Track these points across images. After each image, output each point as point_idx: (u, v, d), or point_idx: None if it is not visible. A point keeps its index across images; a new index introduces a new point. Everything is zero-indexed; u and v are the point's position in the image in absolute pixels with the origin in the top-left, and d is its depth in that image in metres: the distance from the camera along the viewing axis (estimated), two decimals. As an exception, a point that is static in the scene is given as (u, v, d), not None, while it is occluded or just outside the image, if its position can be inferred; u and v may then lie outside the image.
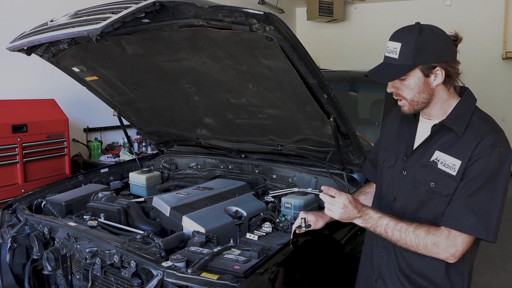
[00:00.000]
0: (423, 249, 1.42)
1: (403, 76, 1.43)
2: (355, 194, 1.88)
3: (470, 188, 1.38)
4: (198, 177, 2.86)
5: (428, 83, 1.43)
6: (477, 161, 1.38)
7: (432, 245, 1.40)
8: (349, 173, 2.32)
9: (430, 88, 1.44)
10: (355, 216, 1.49)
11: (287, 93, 1.98)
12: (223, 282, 1.44)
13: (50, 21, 1.90)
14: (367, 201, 1.80)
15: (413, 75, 1.43)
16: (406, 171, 1.55)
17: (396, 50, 1.41)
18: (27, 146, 3.44)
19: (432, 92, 1.45)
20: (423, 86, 1.43)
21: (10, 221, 2.36)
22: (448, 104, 1.48)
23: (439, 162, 1.45)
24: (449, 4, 7.71)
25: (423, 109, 1.50)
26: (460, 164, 1.41)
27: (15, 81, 3.87)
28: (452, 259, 1.41)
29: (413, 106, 1.48)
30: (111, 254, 1.76)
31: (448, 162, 1.43)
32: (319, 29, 8.71)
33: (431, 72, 1.42)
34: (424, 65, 1.40)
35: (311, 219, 1.68)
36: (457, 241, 1.39)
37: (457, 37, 1.47)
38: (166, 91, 2.44)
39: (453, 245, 1.39)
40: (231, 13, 1.58)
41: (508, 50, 7.29)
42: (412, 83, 1.44)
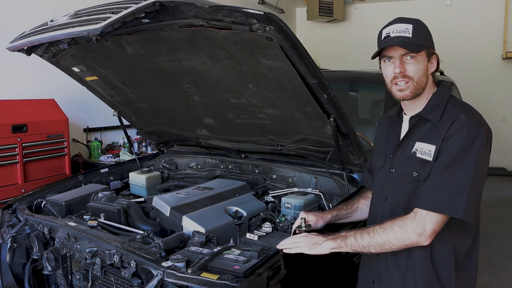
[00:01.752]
0: (394, 240, 1.41)
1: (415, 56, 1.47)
2: (356, 198, 1.89)
3: (440, 167, 1.41)
4: (198, 177, 2.86)
5: (427, 68, 1.51)
6: (448, 140, 1.41)
7: (400, 230, 1.40)
8: (349, 173, 2.32)
9: (427, 74, 1.51)
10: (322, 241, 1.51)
11: (287, 93, 1.98)
12: (223, 282, 1.44)
13: (50, 21, 1.90)
14: (367, 205, 1.81)
15: (422, 57, 1.49)
16: (394, 168, 1.58)
17: (408, 30, 1.46)
18: (27, 146, 3.44)
19: (428, 78, 1.52)
20: (425, 70, 1.50)
21: (10, 221, 2.36)
22: (427, 95, 1.54)
23: (418, 151, 1.49)
24: (449, 4, 7.71)
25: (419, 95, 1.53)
26: (434, 149, 1.44)
27: (15, 81, 3.87)
28: (424, 240, 1.39)
29: (416, 89, 1.51)
30: (111, 254, 1.76)
31: (425, 150, 1.46)
32: (319, 29, 8.71)
33: (431, 58, 1.51)
34: (428, 50, 1.49)
35: (311, 219, 1.70)
36: (424, 220, 1.38)
37: None
38: (166, 91, 2.44)
39: (420, 224, 1.38)
40: (231, 13, 1.58)
41: (508, 50, 7.29)
42: (421, 63, 1.49)
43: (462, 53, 7.25)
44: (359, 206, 1.85)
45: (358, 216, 1.85)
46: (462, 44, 7.28)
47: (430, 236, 1.39)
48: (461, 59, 7.20)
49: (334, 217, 1.80)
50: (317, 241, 1.51)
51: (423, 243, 1.40)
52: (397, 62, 1.48)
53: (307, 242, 1.52)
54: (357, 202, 1.87)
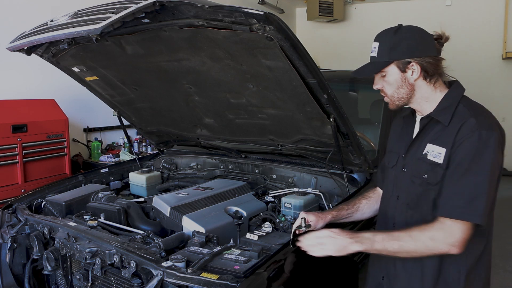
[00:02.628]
0: (424, 248, 1.40)
1: (383, 73, 1.52)
2: (357, 198, 1.88)
3: (456, 174, 1.41)
4: (198, 177, 2.86)
5: (406, 78, 1.50)
6: (460, 146, 1.41)
7: (430, 240, 1.38)
8: (349, 173, 2.32)
9: (409, 83, 1.51)
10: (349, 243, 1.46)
11: (287, 93, 1.98)
12: (223, 282, 1.44)
13: (50, 21, 1.90)
14: (368, 205, 1.82)
15: (391, 71, 1.51)
16: (406, 167, 1.59)
17: (375, 49, 1.52)
18: (27, 146, 3.44)
19: (412, 87, 1.51)
20: (401, 82, 1.50)
21: (10, 221, 2.36)
22: (435, 98, 1.53)
23: (429, 153, 1.49)
24: (449, 4, 7.70)
25: (406, 104, 1.56)
26: (445, 152, 1.44)
27: (15, 81, 3.87)
28: (455, 250, 1.37)
29: (395, 102, 1.55)
30: (111, 254, 1.76)
31: (436, 152, 1.47)
32: (319, 29, 8.70)
33: (407, 68, 1.48)
34: (399, 61, 1.48)
35: (312, 219, 1.69)
36: (453, 229, 1.37)
37: (441, 36, 1.53)
38: (166, 91, 2.44)
39: (450, 235, 1.37)
40: (231, 13, 1.58)
41: (508, 50, 7.28)
42: (391, 79, 1.51)
43: (462, 53, 7.24)
44: (360, 206, 1.84)
45: (359, 216, 1.84)
46: (462, 44, 7.28)
47: (461, 246, 1.38)
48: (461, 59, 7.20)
49: (335, 217, 1.79)
50: (344, 244, 1.47)
51: (454, 252, 1.39)
52: (376, 79, 1.56)
53: (334, 246, 1.47)
54: (358, 202, 1.86)
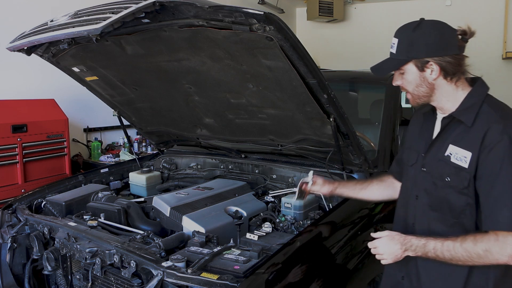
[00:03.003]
0: (479, 260, 1.36)
1: (401, 70, 1.48)
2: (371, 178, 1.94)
3: (493, 182, 1.36)
4: (198, 177, 2.86)
5: (425, 77, 1.46)
6: (490, 152, 1.36)
7: (485, 252, 1.34)
8: (349, 173, 2.32)
9: (428, 82, 1.46)
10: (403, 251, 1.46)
11: (287, 93, 1.98)
12: (223, 282, 1.44)
13: (50, 21, 1.90)
14: (378, 187, 1.86)
15: (409, 70, 1.47)
16: (425, 167, 1.56)
17: (394, 45, 1.47)
18: (27, 146, 3.44)
19: (431, 86, 1.47)
20: (419, 80, 1.47)
21: (10, 221, 2.36)
22: (457, 96, 1.48)
23: (452, 155, 1.45)
24: (449, 4, 7.70)
25: (427, 102, 1.53)
26: (471, 156, 1.40)
27: (15, 81, 3.87)
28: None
29: (416, 99, 1.52)
30: (111, 254, 1.76)
31: (460, 155, 1.43)
32: (319, 29, 8.70)
33: (425, 67, 1.44)
34: (417, 60, 1.44)
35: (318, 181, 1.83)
36: (508, 240, 1.32)
37: (466, 32, 1.46)
38: (166, 91, 2.44)
39: (506, 246, 1.32)
40: (231, 13, 1.58)
41: (508, 50, 7.27)
42: (409, 77, 1.48)
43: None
44: (370, 186, 1.87)
45: (367, 195, 1.88)
46: (462, 44, 7.28)
47: None
48: (461, 59, 7.18)
49: (343, 186, 1.89)
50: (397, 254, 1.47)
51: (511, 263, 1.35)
52: (395, 75, 1.52)
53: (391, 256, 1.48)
54: (370, 182, 1.89)
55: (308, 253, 1.73)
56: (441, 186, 1.49)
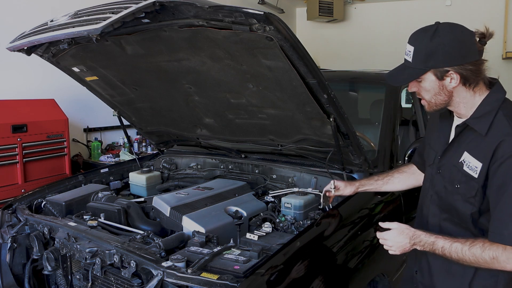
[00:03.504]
0: (485, 265, 1.38)
1: (418, 79, 1.45)
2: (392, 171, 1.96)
3: (501, 195, 1.35)
4: (198, 177, 2.86)
5: (444, 85, 1.42)
6: (501, 165, 1.35)
7: (492, 260, 1.35)
8: (349, 173, 2.32)
9: (447, 90, 1.43)
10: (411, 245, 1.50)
11: (287, 93, 1.98)
12: (223, 282, 1.44)
13: (50, 21, 1.90)
14: (400, 179, 1.91)
15: (428, 78, 1.43)
16: (441, 170, 1.57)
17: (410, 53, 1.43)
18: (27, 146, 3.44)
19: (450, 94, 1.44)
20: (438, 89, 1.44)
21: (10, 221, 2.36)
22: (473, 102, 1.46)
23: (465, 163, 1.45)
24: (449, 4, 7.70)
25: (444, 109, 1.51)
26: (481, 167, 1.39)
27: (15, 81, 3.87)
28: None
29: (432, 107, 1.50)
30: (111, 254, 1.76)
31: (472, 165, 1.42)
32: (319, 29, 8.70)
33: (445, 76, 1.40)
34: (436, 69, 1.40)
35: (340, 185, 1.88)
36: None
37: (484, 35, 1.41)
38: (166, 91, 2.44)
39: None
40: (231, 13, 1.58)
41: (508, 50, 7.27)
42: (428, 86, 1.44)
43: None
44: (391, 179, 1.91)
45: (389, 187, 1.93)
46: (462, 44, 7.27)
47: None
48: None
49: (363, 185, 1.92)
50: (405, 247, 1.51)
51: None
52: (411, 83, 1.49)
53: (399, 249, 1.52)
54: (390, 175, 1.93)
55: (308, 253, 1.73)
56: (450, 191, 1.51)
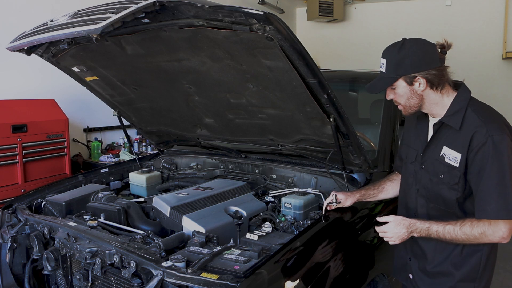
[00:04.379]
0: (475, 240, 1.60)
1: (393, 86, 1.68)
2: (383, 180, 2.11)
3: (481, 178, 1.57)
4: (198, 177, 2.86)
5: (414, 90, 1.66)
6: (477, 153, 1.57)
7: (481, 235, 1.57)
8: (349, 173, 2.32)
9: (417, 94, 1.67)
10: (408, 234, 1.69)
11: (287, 93, 1.98)
12: (223, 282, 1.44)
13: (50, 21, 1.90)
14: (392, 186, 2.07)
15: (400, 85, 1.67)
16: (424, 165, 1.78)
17: (384, 65, 1.68)
18: (27, 146, 3.44)
19: (421, 97, 1.67)
20: (410, 93, 1.67)
21: (10, 221, 2.36)
22: (444, 103, 1.69)
23: (446, 156, 1.67)
24: (449, 4, 7.69)
25: (418, 111, 1.74)
26: (460, 157, 1.62)
27: (15, 81, 3.87)
28: (505, 239, 1.57)
29: (407, 110, 1.73)
30: (111, 254, 1.76)
31: (452, 156, 1.65)
32: (319, 29, 8.69)
33: (414, 81, 1.64)
34: (405, 76, 1.64)
35: (341, 197, 1.98)
36: (498, 226, 1.55)
37: (444, 45, 1.67)
38: (166, 91, 2.44)
39: (497, 229, 1.55)
40: (231, 13, 1.58)
41: (508, 50, 7.27)
42: (401, 91, 1.68)
43: (462, 53, 7.24)
44: (385, 187, 2.08)
45: (383, 195, 2.09)
46: (462, 44, 7.27)
47: (509, 236, 1.57)
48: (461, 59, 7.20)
49: (362, 196, 2.05)
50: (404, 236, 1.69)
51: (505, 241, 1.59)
52: (387, 92, 1.73)
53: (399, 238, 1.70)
54: (383, 184, 2.09)
55: (308, 253, 1.73)
56: (436, 182, 1.72)
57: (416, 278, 1.87)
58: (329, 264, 1.77)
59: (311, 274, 1.67)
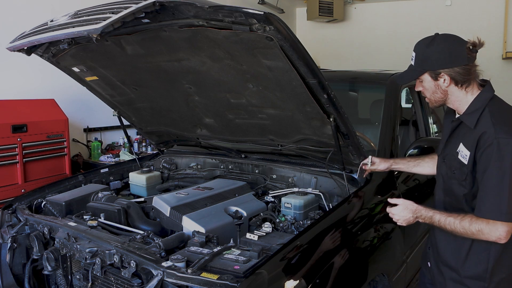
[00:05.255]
0: (473, 236, 1.66)
1: (420, 79, 1.76)
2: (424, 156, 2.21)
3: (483, 177, 1.63)
4: (198, 177, 2.86)
5: (438, 85, 1.72)
6: (483, 153, 1.62)
7: (478, 232, 1.63)
8: (349, 173, 2.32)
9: (442, 89, 1.73)
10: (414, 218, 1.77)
11: (287, 93, 1.98)
12: (223, 282, 1.44)
13: (50, 21, 1.90)
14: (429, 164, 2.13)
15: (426, 79, 1.74)
16: (445, 159, 1.86)
17: (413, 58, 1.76)
18: (27, 146, 3.44)
19: (445, 92, 1.73)
20: (434, 88, 1.74)
21: (10, 221, 2.36)
22: (466, 100, 1.73)
23: (459, 152, 1.74)
24: (449, 4, 7.69)
25: (442, 105, 1.81)
26: (469, 155, 1.68)
27: (15, 81, 3.87)
28: (502, 240, 1.61)
29: (433, 103, 1.81)
30: (111, 254, 1.76)
31: (463, 153, 1.71)
32: (319, 29, 8.69)
33: (438, 77, 1.70)
34: (431, 71, 1.71)
35: (376, 160, 2.15)
36: (496, 226, 1.60)
37: (475, 44, 1.69)
38: (166, 91, 2.44)
39: (494, 229, 1.60)
40: (231, 13, 1.58)
41: (508, 50, 7.27)
42: (426, 85, 1.76)
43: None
44: (421, 163, 2.17)
45: (418, 170, 2.19)
46: (462, 44, 7.26)
47: (506, 236, 1.60)
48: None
49: (396, 163, 2.20)
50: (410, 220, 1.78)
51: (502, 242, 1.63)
52: (416, 83, 1.81)
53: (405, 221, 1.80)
54: (421, 159, 2.18)
55: (308, 253, 1.73)
56: (449, 176, 1.80)
57: (433, 267, 1.97)
58: (329, 264, 1.77)
59: (311, 274, 1.67)
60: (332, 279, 1.80)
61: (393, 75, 1.81)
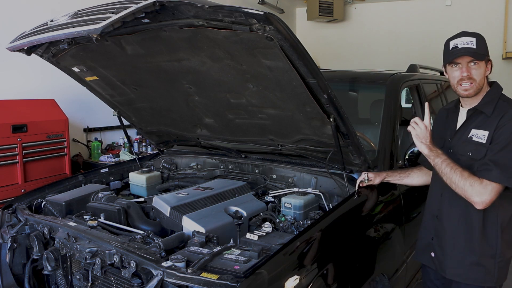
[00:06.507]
0: (461, 188, 1.79)
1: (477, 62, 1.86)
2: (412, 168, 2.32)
3: (496, 148, 1.79)
4: (198, 177, 2.86)
5: (485, 71, 1.89)
6: (501, 129, 1.80)
7: (469, 185, 1.77)
8: (349, 173, 2.32)
9: (485, 76, 1.90)
10: (426, 142, 1.89)
11: (287, 93, 1.98)
12: (223, 282, 1.44)
13: (50, 21, 1.90)
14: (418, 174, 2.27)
15: (482, 63, 1.88)
16: (452, 149, 1.97)
17: (473, 42, 1.85)
18: (27, 146, 3.44)
19: (485, 80, 1.90)
20: (484, 73, 1.89)
21: (10, 221, 2.36)
22: (482, 92, 1.92)
23: (474, 136, 1.88)
24: (449, 4, 7.69)
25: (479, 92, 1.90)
26: (488, 134, 1.83)
27: (15, 81, 3.87)
28: (480, 205, 1.77)
29: (477, 88, 1.89)
30: (111, 254, 1.76)
31: (480, 134, 1.86)
32: (319, 29, 8.69)
33: (488, 63, 1.89)
34: (487, 57, 1.88)
35: (371, 176, 2.21)
36: (487, 188, 1.75)
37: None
38: (166, 91, 2.44)
39: (484, 191, 1.75)
40: (231, 13, 1.58)
41: (508, 50, 7.27)
42: (481, 68, 1.88)
43: (462, 53, 7.22)
44: (411, 174, 2.29)
45: (408, 181, 2.31)
46: (462, 44, 7.26)
47: (486, 204, 1.76)
48: (461, 59, 7.15)
49: (389, 176, 2.29)
50: (423, 141, 1.90)
51: (478, 207, 1.78)
52: (464, 67, 1.86)
53: (420, 138, 1.90)
54: (410, 171, 2.30)
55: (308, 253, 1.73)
56: (464, 160, 1.89)
57: (439, 254, 2.02)
58: (329, 264, 1.77)
59: (311, 274, 1.67)
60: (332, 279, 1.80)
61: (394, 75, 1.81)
